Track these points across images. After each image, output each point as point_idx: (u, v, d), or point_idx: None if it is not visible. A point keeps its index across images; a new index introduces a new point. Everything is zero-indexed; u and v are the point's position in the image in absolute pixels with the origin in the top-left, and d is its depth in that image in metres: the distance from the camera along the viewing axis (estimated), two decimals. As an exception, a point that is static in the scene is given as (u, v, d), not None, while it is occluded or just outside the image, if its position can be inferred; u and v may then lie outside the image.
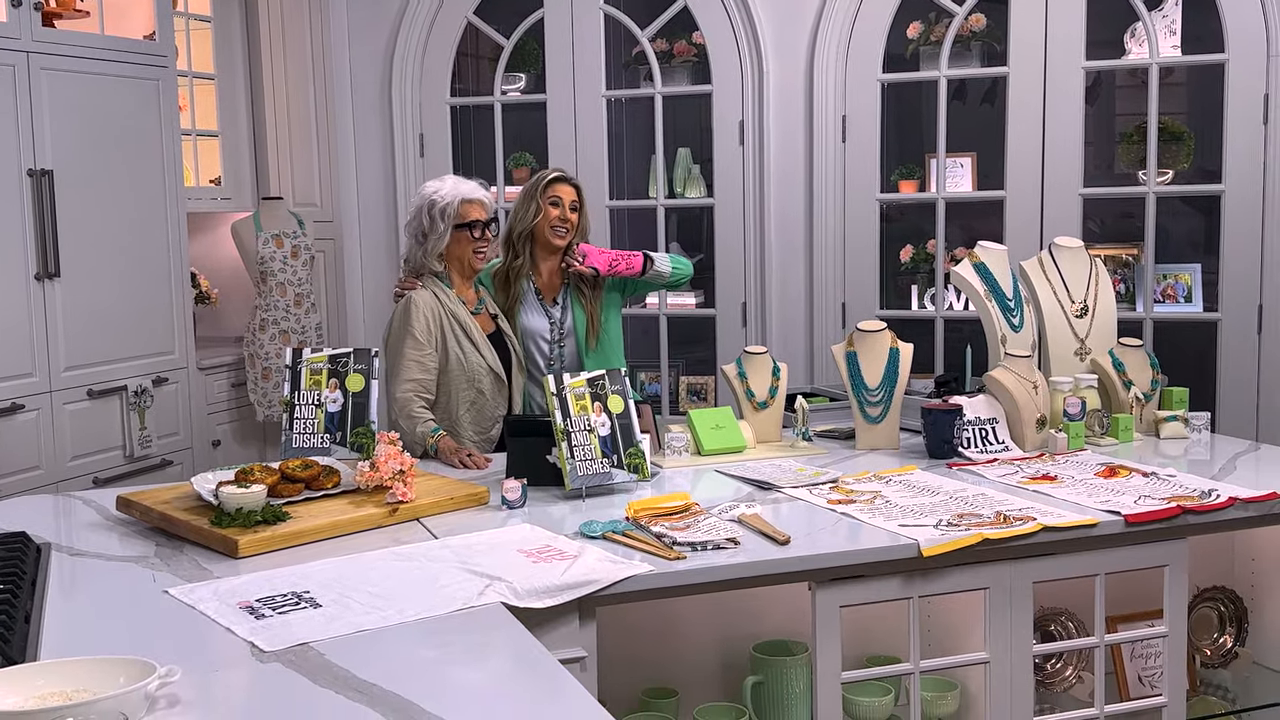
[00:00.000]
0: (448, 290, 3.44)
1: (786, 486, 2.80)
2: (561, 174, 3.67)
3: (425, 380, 3.33)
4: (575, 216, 3.63)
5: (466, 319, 3.43)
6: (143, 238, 4.54)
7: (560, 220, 3.59)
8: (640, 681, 2.62)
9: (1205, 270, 4.80)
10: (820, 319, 5.12)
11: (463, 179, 3.52)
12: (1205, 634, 3.00)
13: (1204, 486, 2.71)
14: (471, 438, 3.40)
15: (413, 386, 3.30)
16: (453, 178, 3.53)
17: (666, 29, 5.20)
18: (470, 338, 3.41)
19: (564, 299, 3.67)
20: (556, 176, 3.64)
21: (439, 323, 3.37)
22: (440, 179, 3.52)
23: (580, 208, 3.65)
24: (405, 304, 3.38)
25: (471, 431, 3.41)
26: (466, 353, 3.39)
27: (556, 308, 3.66)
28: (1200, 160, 4.85)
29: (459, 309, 3.43)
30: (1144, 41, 4.72)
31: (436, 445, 3.20)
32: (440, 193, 3.43)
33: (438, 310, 3.39)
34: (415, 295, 3.39)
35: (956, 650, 2.57)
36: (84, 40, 4.30)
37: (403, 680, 1.71)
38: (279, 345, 5.04)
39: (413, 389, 3.30)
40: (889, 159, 5.08)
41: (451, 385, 3.39)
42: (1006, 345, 3.31)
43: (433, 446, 3.21)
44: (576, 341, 3.64)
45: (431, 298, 3.40)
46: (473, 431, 3.42)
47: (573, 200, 3.62)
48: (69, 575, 2.26)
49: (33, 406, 4.09)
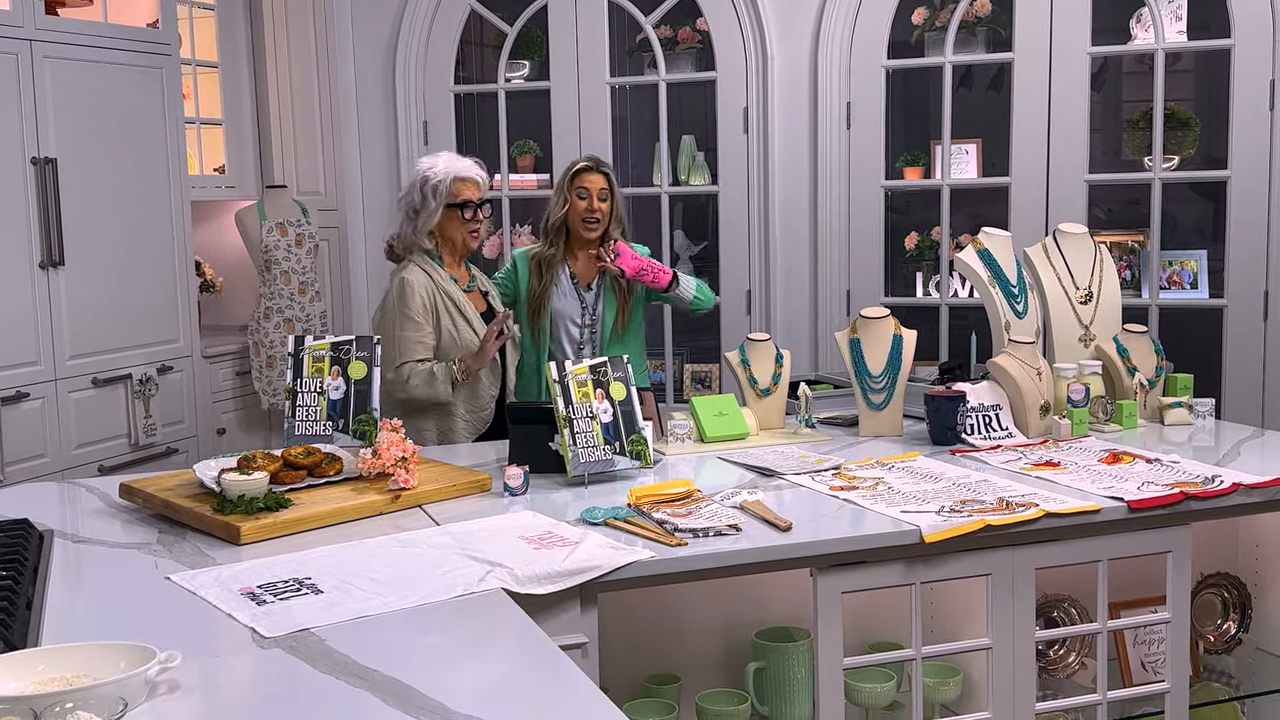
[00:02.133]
0: (439, 267, 3.43)
1: (789, 473, 2.79)
2: (589, 164, 3.67)
3: (426, 359, 3.37)
4: (605, 206, 3.63)
5: (459, 296, 3.42)
6: (147, 226, 4.54)
7: (588, 211, 3.60)
8: (642, 668, 2.62)
9: (1211, 257, 4.78)
10: (825, 306, 5.12)
11: (458, 157, 3.51)
12: (1209, 620, 2.99)
13: (1208, 473, 2.70)
14: (464, 415, 3.41)
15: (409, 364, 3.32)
16: (448, 155, 3.52)
17: (670, 15, 5.18)
18: (464, 315, 3.41)
19: (598, 285, 3.68)
20: (583, 167, 3.65)
21: (432, 300, 3.37)
22: (435, 155, 3.51)
23: (611, 196, 3.65)
24: (400, 285, 3.38)
25: (464, 409, 3.42)
26: (460, 330, 3.40)
27: (590, 293, 3.67)
28: (1206, 146, 4.83)
29: (451, 286, 3.42)
30: (1150, 27, 4.70)
31: (465, 367, 3.30)
32: (434, 169, 3.42)
33: (431, 288, 3.38)
34: (409, 275, 3.38)
35: (959, 636, 2.57)
36: (87, 28, 4.30)
37: (403, 666, 1.71)
38: (283, 333, 5.05)
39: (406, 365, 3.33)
40: (894, 146, 5.07)
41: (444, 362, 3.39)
42: (1010, 331, 3.30)
43: (462, 370, 3.30)
44: (602, 329, 3.66)
45: (424, 275, 3.39)
46: (465, 409, 3.42)
47: (601, 190, 3.63)
48: (71, 562, 2.26)
49: (38, 395, 4.10)
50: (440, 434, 3.39)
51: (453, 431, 3.40)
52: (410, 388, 3.31)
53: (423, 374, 3.32)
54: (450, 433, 3.40)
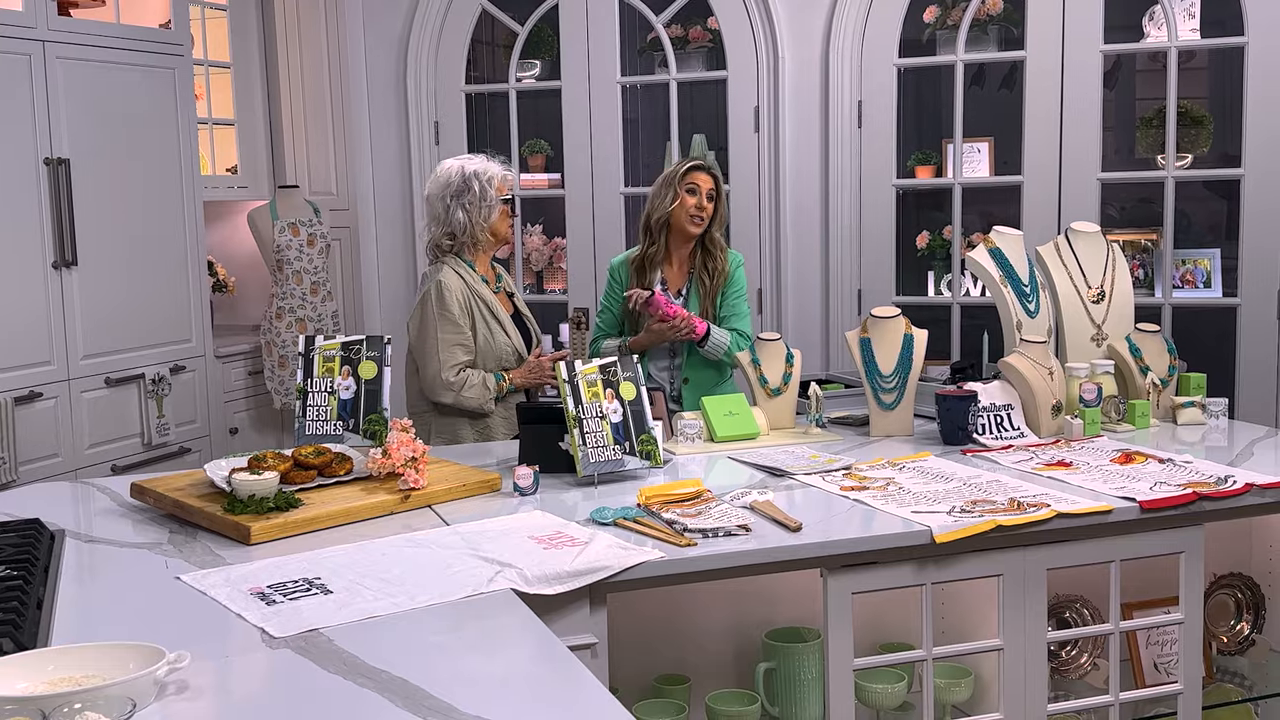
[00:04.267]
0: (471, 269, 3.46)
1: (799, 473, 2.79)
2: (700, 162, 3.68)
3: (470, 361, 3.41)
4: (711, 206, 3.64)
5: (491, 299, 3.46)
6: (159, 226, 4.55)
7: (697, 208, 3.61)
8: (652, 668, 2.62)
9: (1224, 255, 4.76)
10: (836, 306, 5.11)
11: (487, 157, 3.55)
12: (1222, 621, 2.98)
13: (1221, 473, 2.69)
14: (502, 414, 3.44)
15: (459, 367, 3.37)
16: (481, 156, 3.56)
17: (681, 14, 5.18)
18: (497, 318, 3.45)
19: (687, 290, 3.69)
20: (695, 165, 3.65)
21: (468, 302, 3.40)
22: (463, 156, 3.56)
23: (717, 197, 3.65)
24: (436, 288, 3.39)
25: (502, 410, 3.45)
26: (494, 333, 3.43)
27: (680, 299, 3.67)
28: (1220, 144, 4.81)
29: (483, 288, 3.46)
30: (1163, 24, 4.68)
31: (512, 383, 3.39)
32: (483, 167, 3.47)
33: (465, 291, 3.41)
34: (444, 278, 3.41)
35: (970, 637, 2.56)
36: (99, 29, 4.32)
37: (412, 666, 1.71)
38: (295, 333, 5.05)
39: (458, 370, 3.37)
40: (905, 144, 5.06)
41: (478, 366, 3.42)
42: (1022, 331, 3.29)
43: (510, 386, 3.39)
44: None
45: (458, 279, 3.42)
46: (503, 410, 3.45)
47: (709, 189, 3.64)
48: (82, 561, 2.27)
49: (51, 394, 4.12)
50: (477, 433, 3.43)
51: (490, 429, 3.44)
52: (464, 395, 3.36)
53: (478, 385, 3.37)
54: (488, 430, 3.44)
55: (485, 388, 3.38)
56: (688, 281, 3.71)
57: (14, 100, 3.98)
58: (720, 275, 3.68)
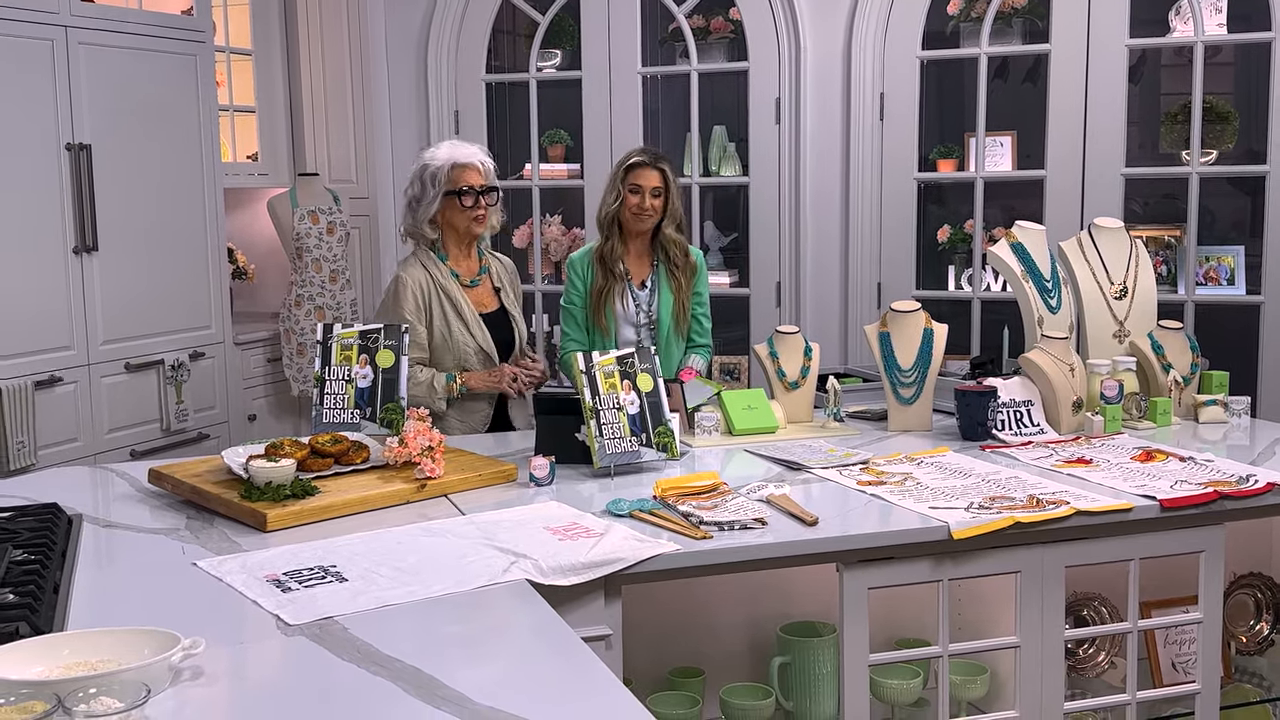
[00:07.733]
0: (441, 263, 3.41)
1: (817, 467, 2.78)
2: (643, 158, 3.58)
3: (421, 358, 3.34)
4: (658, 202, 3.56)
5: (457, 294, 3.38)
6: (180, 213, 4.56)
7: (638, 208, 3.55)
8: (666, 661, 2.61)
9: (1249, 252, 4.71)
10: (855, 299, 5.08)
11: (462, 144, 3.48)
12: (1241, 621, 2.96)
13: (1242, 472, 2.67)
14: (457, 417, 3.36)
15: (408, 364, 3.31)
16: (450, 143, 3.49)
17: (703, 5, 5.16)
18: (460, 315, 3.37)
19: (652, 282, 3.64)
20: (637, 162, 3.56)
21: (427, 298, 3.35)
22: (439, 144, 3.49)
23: (665, 192, 3.57)
24: (394, 281, 3.37)
25: (454, 414, 3.37)
26: (454, 330, 3.36)
27: (644, 290, 3.62)
28: (1245, 140, 4.77)
29: (450, 284, 3.38)
30: (1189, 19, 4.64)
31: (465, 385, 3.27)
32: (434, 158, 3.40)
33: (427, 285, 3.36)
34: (403, 271, 3.37)
35: (986, 634, 2.55)
36: (122, 15, 4.32)
37: (425, 655, 1.71)
38: (314, 321, 5.06)
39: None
40: (927, 137, 5.03)
41: (436, 363, 3.36)
42: (1043, 327, 3.27)
43: (461, 388, 3.26)
44: (661, 326, 3.61)
45: (422, 272, 3.37)
46: (455, 414, 3.37)
47: (654, 187, 3.54)
48: (100, 547, 2.28)
49: (71, 379, 4.13)
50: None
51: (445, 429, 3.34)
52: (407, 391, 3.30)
53: (424, 384, 3.29)
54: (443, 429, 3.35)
55: (432, 387, 3.29)
56: (652, 273, 3.65)
57: (36, 86, 4.00)
58: (688, 271, 3.63)
